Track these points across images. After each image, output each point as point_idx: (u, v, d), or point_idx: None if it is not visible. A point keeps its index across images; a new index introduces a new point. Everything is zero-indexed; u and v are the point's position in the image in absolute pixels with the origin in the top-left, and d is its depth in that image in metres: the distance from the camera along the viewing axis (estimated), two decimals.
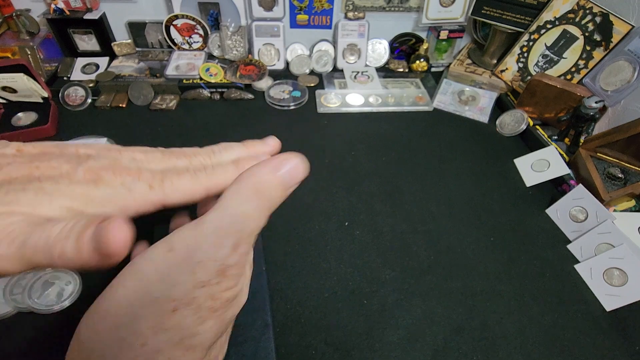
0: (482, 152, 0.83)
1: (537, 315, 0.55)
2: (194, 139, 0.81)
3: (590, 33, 0.81)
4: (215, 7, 0.97)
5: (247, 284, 0.20)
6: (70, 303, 0.54)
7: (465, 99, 0.95)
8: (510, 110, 0.89)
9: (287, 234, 0.64)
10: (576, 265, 0.62)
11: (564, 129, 0.81)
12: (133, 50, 1.02)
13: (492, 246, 0.64)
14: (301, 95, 0.94)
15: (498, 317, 0.55)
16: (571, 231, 0.66)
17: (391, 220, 0.67)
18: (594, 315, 0.56)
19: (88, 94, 0.89)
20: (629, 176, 0.70)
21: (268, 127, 0.86)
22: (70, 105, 0.88)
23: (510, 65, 0.94)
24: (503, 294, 0.57)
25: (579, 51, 0.83)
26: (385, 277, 0.59)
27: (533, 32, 0.88)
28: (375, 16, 1.02)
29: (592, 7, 0.79)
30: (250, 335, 0.49)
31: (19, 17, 0.91)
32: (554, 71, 0.88)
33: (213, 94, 0.93)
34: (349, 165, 0.78)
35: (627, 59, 0.75)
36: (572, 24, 0.83)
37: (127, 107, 0.89)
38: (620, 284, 0.57)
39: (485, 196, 0.73)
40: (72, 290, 0.55)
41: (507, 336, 0.53)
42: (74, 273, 0.56)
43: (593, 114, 0.74)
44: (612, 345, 0.53)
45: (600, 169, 0.71)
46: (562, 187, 0.73)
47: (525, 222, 0.68)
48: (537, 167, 0.76)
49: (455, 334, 0.53)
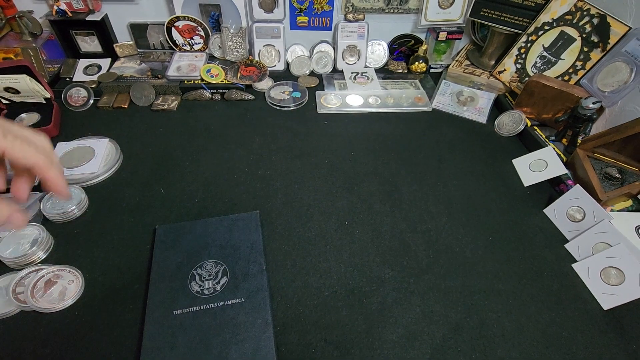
0: (480, 153, 0.83)
1: (535, 314, 0.56)
2: (195, 139, 0.82)
3: (588, 34, 0.81)
4: (216, 9, 0.98)
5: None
6: (73, 302, 0.54)
7: (463, 100, 0.96)
8: (508, 111, 0.90)
9: (287, 233, 0.64)
10: (574, 265, 0.62)
11: (562, 130, 0.82)
12: (135, 51, 1.02)
13: (491, 245, 0.65)
14: (301, 96, 0.95)
15: (496, 315, 0.55)
16: (569, 231, 0.66)
17: (390, 220, 0.68)
18: (591, 314, 0.57)
19: (90, 94, 0.89)
20: (626, 176, 0.71)
21: (268, 127, 0.86)
22: (73, 106, 0.88)
23: (509, 66, 0.95)
24: (501, 293, 0.58)
25: (576, 52, 0.84)
26: (385, 276, 0.59)
27: (531, 33, 0.89)
28: (375, 18, 1.03)
29: (590, 9, 0.80)
30: (251, 333, 0.50)
31: (22, 19, 0.92)
32: (552, 72, 0.88)
33: (214, 95, 0.94)
34: (348, 165, 0.78)
35: (624, 60, 0.76)
36: (570, 25, 0.83)
37: (128, 108, 0.90)
38: (617, 283, 0.57)
39: (483, 196, 0.73)
40: (75, 290, 0.55)
41: (506, 335, 0.53)
42: (76, 272, 0.57)
43: (590, 115, 0.75)
44: (609, 344, 0.53)
45: (597, 169, 0.72)
46: (560, 187, 0.73)
47: (523, 221, 0.69)
48: (535, 167, 0.77)
49: (454, 332, 0.53)
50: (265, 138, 0.83)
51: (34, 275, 0.56)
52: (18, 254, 0.57)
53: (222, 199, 0.69)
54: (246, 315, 0.52)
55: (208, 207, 0.68)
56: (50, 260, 0.59)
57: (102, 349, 0.50)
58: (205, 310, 0.52)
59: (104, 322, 0.52)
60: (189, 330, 0.50)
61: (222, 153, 0.79)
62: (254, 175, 0.75)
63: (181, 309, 0.52)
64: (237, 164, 0.77)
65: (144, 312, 0.52)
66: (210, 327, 0.50)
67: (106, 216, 0.66)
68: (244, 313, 0.52)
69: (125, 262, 0.59)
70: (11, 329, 0.52)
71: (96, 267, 0.59)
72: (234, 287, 0.54)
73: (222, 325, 0.51)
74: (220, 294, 0.54)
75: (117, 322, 0.52)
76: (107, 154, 0.75)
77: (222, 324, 0.51)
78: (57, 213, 0.63)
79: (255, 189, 0.72)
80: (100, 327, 0.52)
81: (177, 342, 0.49)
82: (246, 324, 0.51)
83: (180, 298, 0.53)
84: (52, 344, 0.50)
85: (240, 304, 0.53)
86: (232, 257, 0.58)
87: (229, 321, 0.51)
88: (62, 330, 0.52)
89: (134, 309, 0.54)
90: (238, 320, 0.51)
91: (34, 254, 0.58)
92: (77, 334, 0.51)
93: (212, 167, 0.76)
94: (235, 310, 0.52)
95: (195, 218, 0.66)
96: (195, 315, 0.51)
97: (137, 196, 0.69)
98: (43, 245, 0.59)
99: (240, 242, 0.60)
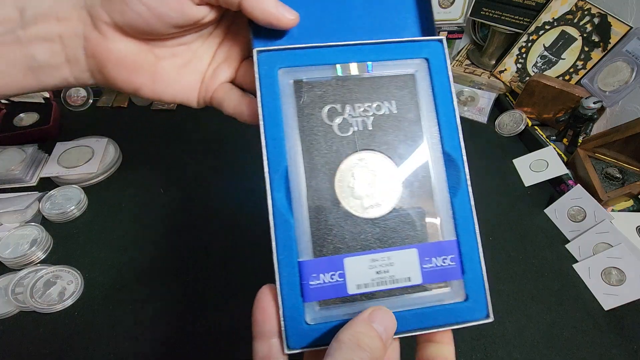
0: (481, 152, 0.83)
1: (535, 314, 0.56)
2: (195, 139, 0.82)
3: (589, 34, 0.81)
4: None
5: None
6: (72, 302, 0.54)
7: (464, 100, 0.96)
8: (509, 111, 0.90)
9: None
10: (574, 265, 0.62)
11: (563, 130, 0.82)
12: None
13: (491, 245, 0.64)
14: None
15: (497, 316, 0.55)
16: (569, 231, 0.66)
17: None
18: (592, 314, 0.56)
19: (89, 94, 0.89)
20: (627, 176, 0.70)
21: None
22: (72, 106, 0.88)
23: (509, 66, 0.95)
24: (502, 293, 0.58)
25: (577, 52, 0.84)
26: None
27: (532, 33, 0.89)
28: None
29: (591, 8, 0.79)
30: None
31: None
32: (553, 72, 0.88)
33: None
34: None
35: (625, 59, 0.75)
36: (571, 25, 0.83)
37: (128, 108, 0.90)
38: (618, 283, 0.57)
39: (484, 196, 0.73)
40: (74, 290, 0.55)
41: (506, 335, 0.53)
42: (75, 272, 0.57)
43: (591, 115, 0.75)
44: (610, 344, 0.53)
45: (598, 169, 0.72)
46: (561, 187, 0.73)
47: (524, 221, 0.69)
48: (535, 167, 0.77)
49: (454, 332, 0.53)
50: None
51: (33, 275, 0.55)
52: (17, 254, 0.57)
53: (223, 199, 0.69)
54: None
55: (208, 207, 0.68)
56: (50, 261, 0.59)
57: (102, 349, 0.50)
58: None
59: (103, 323, 0.52)
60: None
61: (221, 153, 0.79)
62: (254, 175, 0.74)
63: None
64: (237, 163, 0.77)
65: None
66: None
67: (105, 216, 0.66)
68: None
69: (125, 263, 0.59)
70: (10, 329, 0.52)
71: (95, 268, 0.58)
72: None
73: None
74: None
75: (116, 323, 0.52)
76: (107, 154, 0.75)
77: None
78: (56, 213, 0.63)
79: (256, 187, 0.72)
80: (99, 328, 0.52)
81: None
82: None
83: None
84: (52, 345, 0.50)
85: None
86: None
87: None
88: (61, 331, 0.51)
89: (133, 309, 0.53)
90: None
91: (33, 254, 0.58)
92: (77, 334, 0.51)
93: (212, 166, 0.76)
94: None
95: (196, 218, 0.65)
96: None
97: (137, 196, 0.69)
98: (42, 245, 0.59)
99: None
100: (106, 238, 0.62)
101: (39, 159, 0.74)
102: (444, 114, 0.28)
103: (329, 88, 0.27)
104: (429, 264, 0.26)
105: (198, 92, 0.32)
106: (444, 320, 0.26)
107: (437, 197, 0.27)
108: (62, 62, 0.27)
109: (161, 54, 0.29)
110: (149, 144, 0.80)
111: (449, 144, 0.27)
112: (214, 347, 0.51)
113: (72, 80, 0.28)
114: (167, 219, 0.65)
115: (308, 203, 0.26)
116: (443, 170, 0.27)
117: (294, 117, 0.27)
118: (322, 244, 0.25)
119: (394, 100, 0.27)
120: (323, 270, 0.25)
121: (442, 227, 0.27)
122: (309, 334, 0.24)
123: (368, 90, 0.27)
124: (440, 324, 0.26)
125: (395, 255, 0.25)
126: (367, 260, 0.25)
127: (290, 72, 0.27)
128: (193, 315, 0.54)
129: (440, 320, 0.26)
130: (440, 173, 0.27)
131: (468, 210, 0.27)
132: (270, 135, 0.27)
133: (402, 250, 0.26)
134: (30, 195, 0.66)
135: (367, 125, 0.27)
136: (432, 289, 0.26)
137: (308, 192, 0.26)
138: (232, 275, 0.59)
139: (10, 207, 0.62)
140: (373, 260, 0.25)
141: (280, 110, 0.26)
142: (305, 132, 0.26)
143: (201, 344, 0.52)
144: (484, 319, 0.27)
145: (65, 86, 0.29)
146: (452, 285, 0.27)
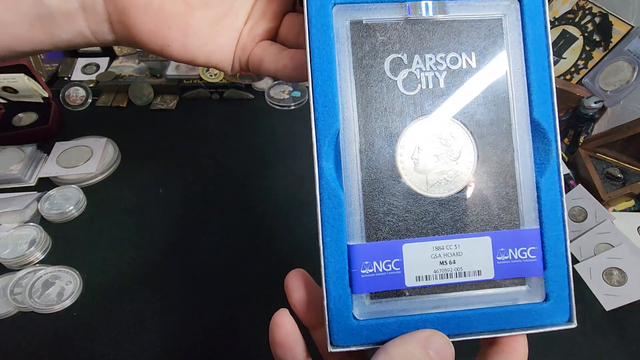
0: None
1: None
2: (194, 138, 0.81)
3: (590, 33, 0.81)
4: None
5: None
6: (71, 303, 0.54)
7: None
8: None
9: (287, 233, 0.64)
10: (575, 265, 0.62)
11: (563, 129, 0.81)
12: (133, 50, 1.02)
13: None
14: (301, 96, 0.94)
15: None
16: (570, 231, 0.66)
17: None
18: (593, 314, 0.56)
19: (88, 94, 0.89)
20: (628, 176, 0.70)
21: (268, 127, 0.86)
22: (71, 106, 0.88)
23: None
24: None
25: (578, 51, 0.84)
26: None
27: None
28: None
29: (592, 8, 0.79)
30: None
31: None
32: (554, 71, 0.88)
33: (213, 94, 0.93)
34: None
35: (627, 59, 0.75)
36: (572, 24, 0.83)
37: (127, 107, 0.89)
38: (619, 284, 0.57)
39: None
40: (73, 290, 0.55)
41: None
42: (74, 273, 0.57)
43: (592, 114, 0.74)
44: (611, 345, 0.53)
45: (599, 169, 0.72)
46: None
47: None
48: None
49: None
50: (264, 138, 0.83)
51: (32, 275, 0.55)
52: (16, 254, 0.57)
53: (223, 198, 0.69)
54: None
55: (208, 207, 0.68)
56: (48, 261, 0.59)
57: (101, 349, 0.50)
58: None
59: (102, 323, 0.52)
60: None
61: (221, 152, 0.79)
62: (254, 175, 0.74)
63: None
64: (237, 163, 0.76)
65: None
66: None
67: (104, 216, 0.66)
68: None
69: (124, 263, 0.59)
70: (9, 329, 0.52)
71: (94, 268, 0.58)
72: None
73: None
74: None
75: (115, 323, 0.52)
76: (106, 153, 0.74)
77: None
78: (55, 213, 0.63)
79: (256, 187, 0.72)
80: (98, 328, 0.52)
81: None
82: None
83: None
84: (50, 345, 0.50)
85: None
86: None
87: None
88: (60, 331, 0.51)
89: (132, 310, 0.53)
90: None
91: (32, 255, 0.58)
92: (76, 334, 0.51)
93: (212, 166, 0.75)
94: None
95: (195, 218, 0.65)
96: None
97: (136, 196, 0.69)
98: (41, 245, 0.59)
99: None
100: (105, 238, 0.62)
101: (38, 158, 0.73)
102: (536, 72, 0.23)
103: (394, 33, 0.22)
104: (504, 256, 0.22)
105: (234, 53, 0.27)
106: (517, 323, 0.22)
107: (519, 175, 0.22)
108: (76, 9, 0.23)
109: (193, 2, 0.25)
110: (148, 144, 0.80)
111: (540, 110, 0.23)
112: (214, 347, 0.51)
113: (88, 35, 0.24)
114: (166, 219, 0.65)
115: (362, 176, 0.21)
116: (529, 143, 0.22)
117: (349, 69, 0.22)
118: (377, 226, 0.21)
119: (473, 52, 0.22)
120: (377, 258, 0.21)
121: (523, 212, 0.22)
122: (357, 331, 0.21)
123: (442, 38, 0.22)
124: (513, 327, 0.22)
125: (464, 244, 0.21)
126: (430, 247, 0.21)
127: (347, 11, 0.22)
128: (192, 315, 0.54)
129: (513, 323, 0.22)
130: (526, 146, 0.22)
131: (557, 193, 0.22)
132: (321, 90, 0.21)
133: (472, 238, 0.21)
134: (29, 195, 0.66)
135: (439, 82, 0.22)
136: (506, 285, 0.22)
137: (362, 162, 0.21)
138: (232, 275, 0.59)
139: (8, 207, 0.62)
140: (437, 248, 0.21)
141: (334, 60, 0.21)
142: (362, 88, 0.22)
143: (201, 344, 0.52)
144: (566, 324, 0.22)
145: (81, 44, 0.25)
146: (530, 283, 0.22)
